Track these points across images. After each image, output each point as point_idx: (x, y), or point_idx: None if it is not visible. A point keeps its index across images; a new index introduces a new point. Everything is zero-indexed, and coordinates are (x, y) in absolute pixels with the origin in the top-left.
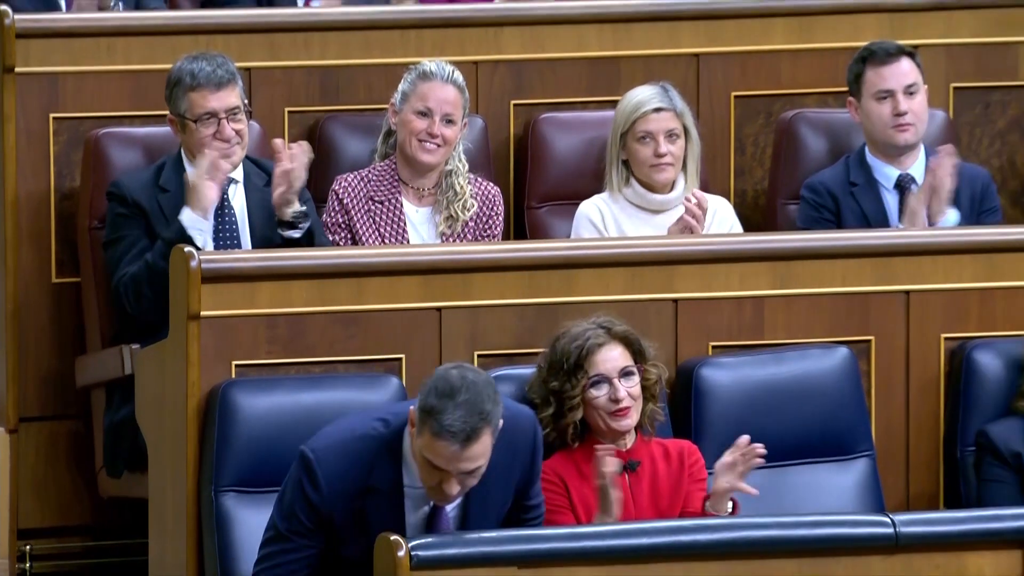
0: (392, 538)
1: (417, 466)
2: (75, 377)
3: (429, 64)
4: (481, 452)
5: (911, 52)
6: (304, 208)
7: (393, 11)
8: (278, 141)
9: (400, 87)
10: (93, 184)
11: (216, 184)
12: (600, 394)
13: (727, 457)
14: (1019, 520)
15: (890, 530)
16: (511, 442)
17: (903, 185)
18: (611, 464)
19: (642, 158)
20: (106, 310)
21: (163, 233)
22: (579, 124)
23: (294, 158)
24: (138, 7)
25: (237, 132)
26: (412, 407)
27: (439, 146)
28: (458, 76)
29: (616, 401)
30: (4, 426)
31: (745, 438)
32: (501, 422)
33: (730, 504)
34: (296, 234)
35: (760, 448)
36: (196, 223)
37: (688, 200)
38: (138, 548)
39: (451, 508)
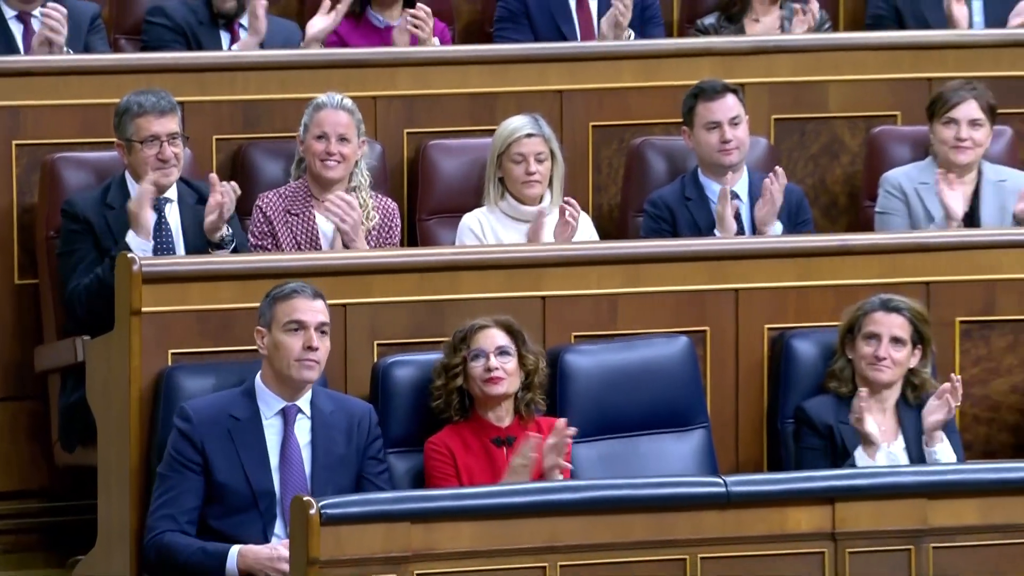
0: (305, 499)
1: (279, 355)
2: (34, 364)
3: (321, 97)
4: (322, 308)
5: (735, 89)
6: (231, 232)
7: (304, 54)
8: (214, 176)
9: (302, 121)
10: (49, 201)
11: (150, 208)
12: (477, 365)
13: (551, 440)
14: (829, 480)
15: (722, 489)
16: (350, 412)
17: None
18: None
19: (515, 176)
20: (60, 307)
21: (112, 252)
22: (462, 149)
23: (227, 194)
24: (87, 50)
25: (175, 155)
26: (258, 327)
27: (339, 162)
28: (347, 102)
29: (488, 371)
30: None
31: (562, 421)
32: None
33: (560, 475)
34: (224, 253)
35: (571, 430)
36: (141, 245)
37: (567, 205)
38: (89, 508)
39: (302, 448)
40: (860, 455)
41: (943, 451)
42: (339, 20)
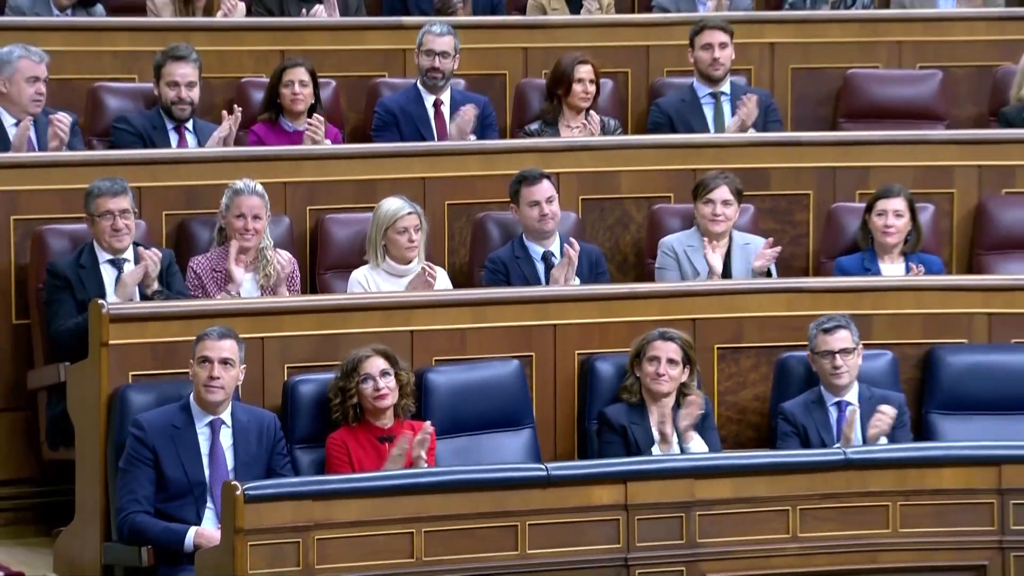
0: (233, 483)
1: (195, 382)
2: (27, 383)
3: (239, 183)
4: (229, 347)
5: (549, 175)
6: (161, 289)
7: (232, 151)
8: (140, 249)
9: (223, 200)
10: (37, 262)
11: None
12: (367, 387)
13: (418, 436)
14: (623, 466)
15: (544, 473)
16: (260, 419)
17: (547, 259)
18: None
19: (400, 244)
20: (46, 340)
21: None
22: (350, 222)
23: (151, 263)
24: (68, 148)
25: (125, 225)
26: (190, 360)
27: (254, 234)
28: (258, 188)
29: (377, 390)
30: None
31: (427, 423)
32: (243, 351)
33: (425, 463)
34: (160, 298)
35: (432, 430)
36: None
37: (424, 269)
38: (68, 492)
39: (225, 448)
40: (656, 449)
41: (696, 445)
42: (234, 130)
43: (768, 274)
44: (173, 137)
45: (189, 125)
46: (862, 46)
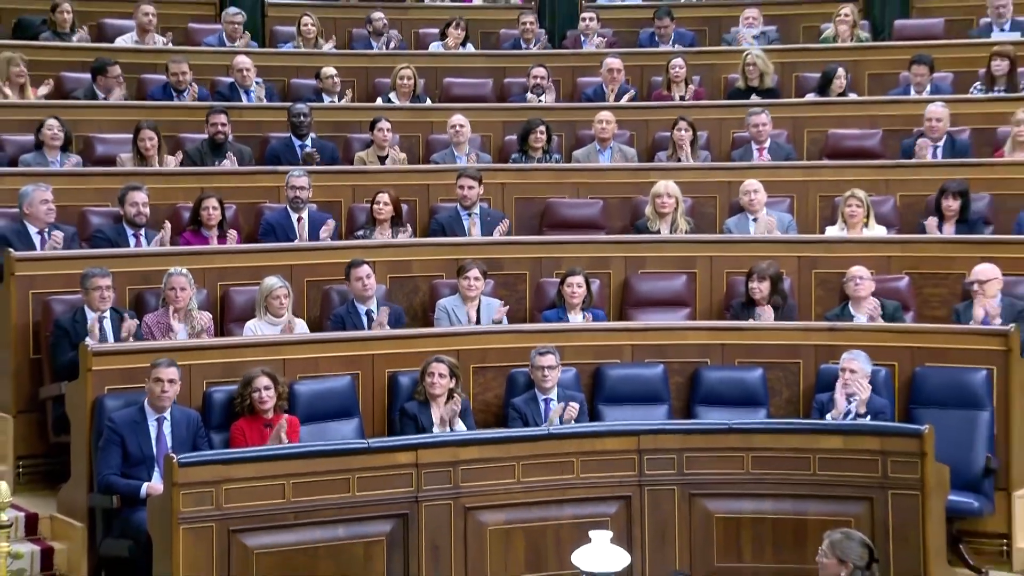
0: (171, 455)
1: (151, 393)
2: (39, 395)
3: (171, 269)
4: (172, 372)
5: (367, 262)
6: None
7: (169, 249)
8: (128, 314)
9: (163, 279)
10: (46, 320)
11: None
12: (256, 395)
13: (284, 422)
14: (413, 440)
15: (366, 445)
16: (189, 415)
17: (370, 315)
18: (284, 429)
19: (274, 306)
20: (52, 368)
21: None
22: (245, 292)
23: (131, 328)
24: (68, 249)
25: (108, 296)
26: (147, 377)
27: (181, 300)
28: (184, 270)
29: (262, 399)
30: (11, 414)
31: (286, 416)
32: (179, 378)
33: (286, 439)
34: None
35: (293, 420)
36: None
37: (288, 323)
38: (66, 462)
39: (167, 434)
40: (436, 429)
41: (459, 427)
42: (168, 236)
43: (502, 322)
44: (132, 239)
45: (141, 232)
46: (556, 184)
